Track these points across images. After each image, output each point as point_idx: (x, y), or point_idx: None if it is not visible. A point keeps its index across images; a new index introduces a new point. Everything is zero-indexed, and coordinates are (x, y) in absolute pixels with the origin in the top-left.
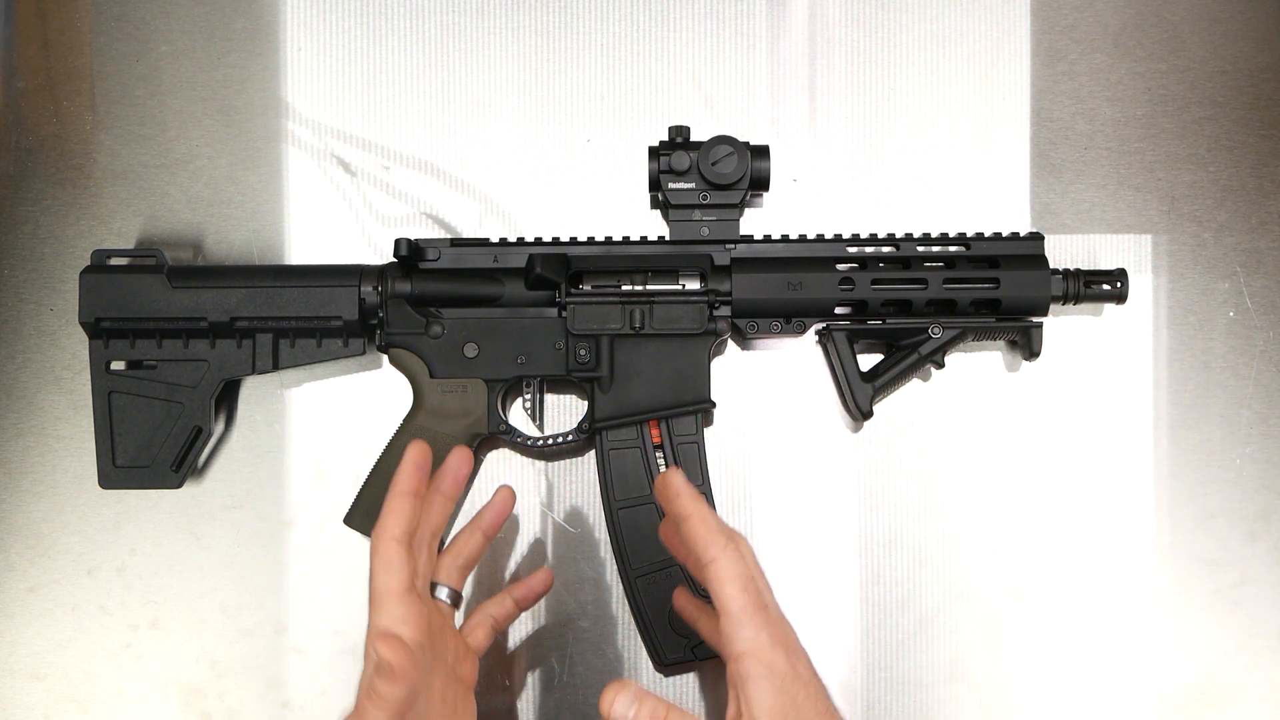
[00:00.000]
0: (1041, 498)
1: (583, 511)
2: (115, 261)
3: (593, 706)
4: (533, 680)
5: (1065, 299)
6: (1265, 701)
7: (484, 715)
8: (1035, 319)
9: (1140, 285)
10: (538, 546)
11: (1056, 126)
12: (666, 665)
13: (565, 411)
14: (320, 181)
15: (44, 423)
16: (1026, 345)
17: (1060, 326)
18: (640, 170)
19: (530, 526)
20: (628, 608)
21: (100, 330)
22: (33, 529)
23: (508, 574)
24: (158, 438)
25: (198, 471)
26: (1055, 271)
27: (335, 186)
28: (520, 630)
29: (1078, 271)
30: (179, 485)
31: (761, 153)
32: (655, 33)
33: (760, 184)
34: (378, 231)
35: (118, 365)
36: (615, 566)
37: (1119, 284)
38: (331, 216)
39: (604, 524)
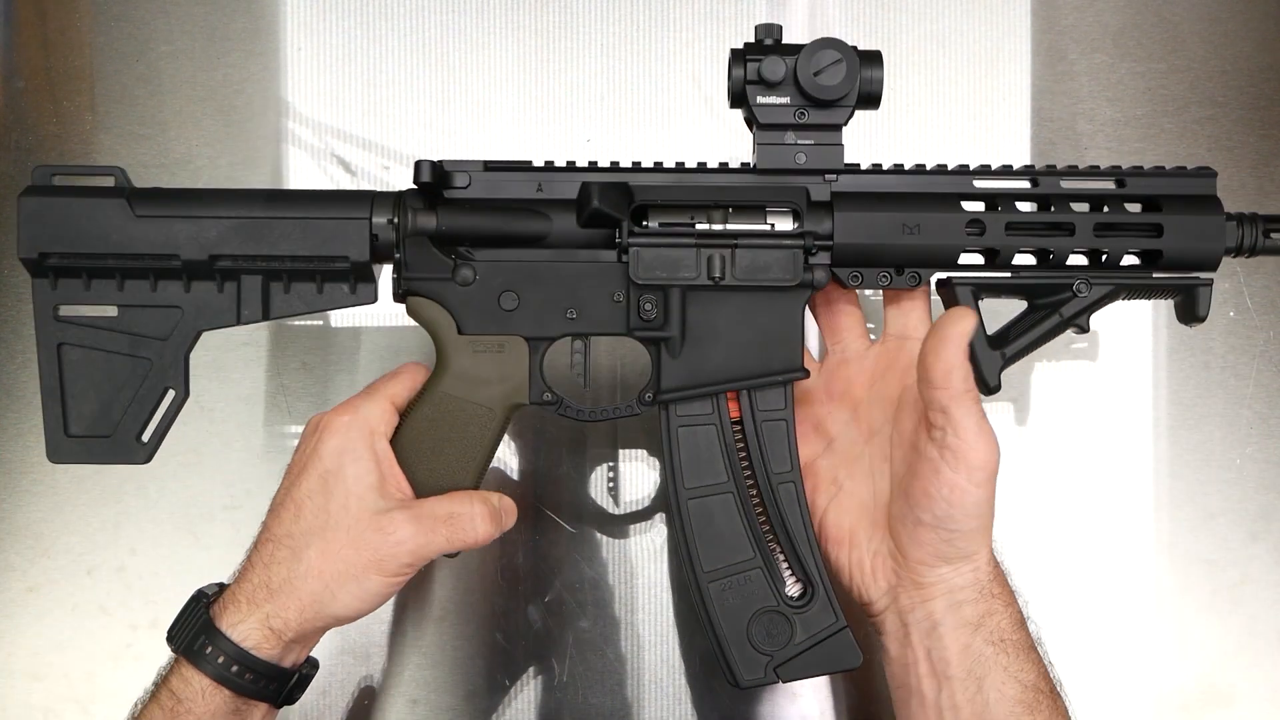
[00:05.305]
0: (1041, 498)
1: (583, 511)
2: (65, 182)
3: (593, 707)
4: (533, 680)
5: (1239, 251)
6: (1265, 701)
7: (484, 715)
8: (1204, 275)
9: None
10: (537, 546)
11: (1056, 126)
12: (743, 688)
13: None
14: (320, 181)
15: None
16: (1190, 307)
17: None
18: None
19: (530, 526)
20: (628, 608)
21: (45, 268)
22: (33, 529)
23: (505, 574)
24: (119, 401)
25: (199, 471)
26: (1229, 217)
27: (335, 186)
28: (520, 631)
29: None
30: (146, 459)
31: (874, 59)
32: (655, 33)
33: (870, 100)
34: None
35: (68, 311)
36: (615, 568)
37: None
38: None
39: (601, 524)
